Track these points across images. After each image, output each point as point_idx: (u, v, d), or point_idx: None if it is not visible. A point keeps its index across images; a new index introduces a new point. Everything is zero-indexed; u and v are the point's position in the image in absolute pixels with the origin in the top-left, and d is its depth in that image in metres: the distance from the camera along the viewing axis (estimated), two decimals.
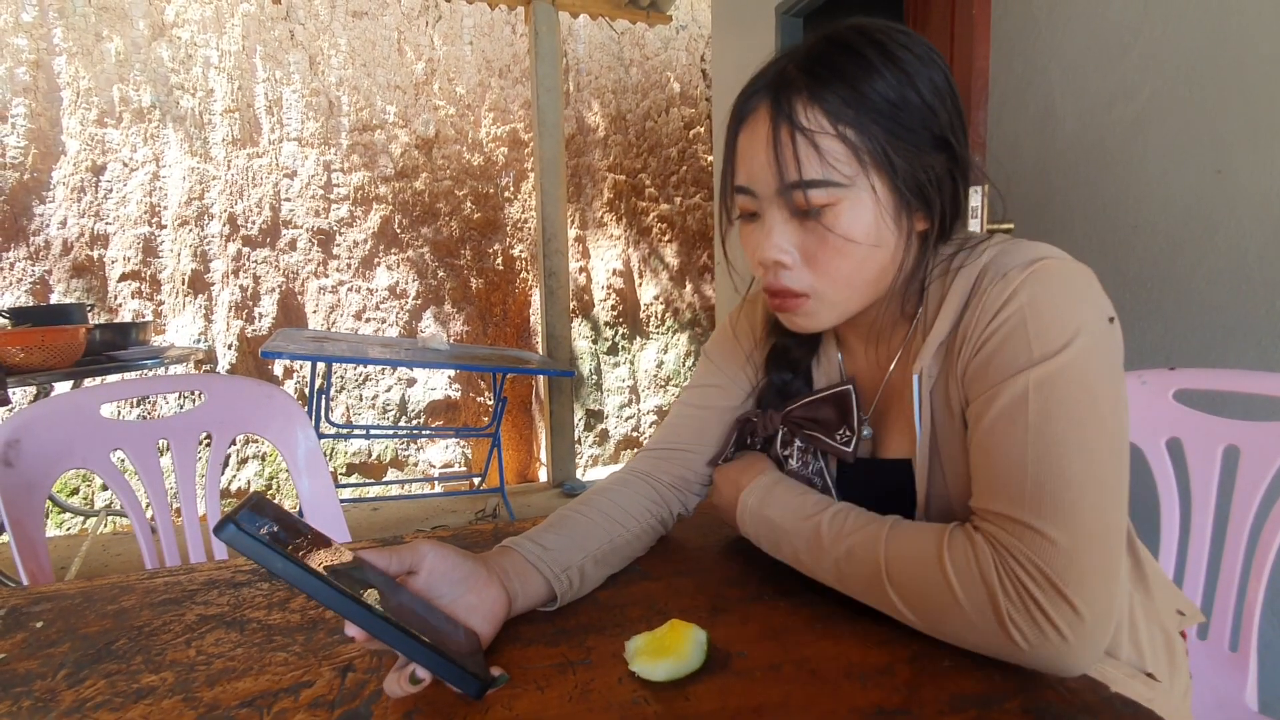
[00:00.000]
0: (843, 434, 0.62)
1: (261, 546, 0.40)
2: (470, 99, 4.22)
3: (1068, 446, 0.46)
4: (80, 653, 0.54)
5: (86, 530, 3.21)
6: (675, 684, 0.47)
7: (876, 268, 0.55)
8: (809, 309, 0.56)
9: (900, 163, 0.52)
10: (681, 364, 4.72)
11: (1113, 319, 0.51)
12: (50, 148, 3.46)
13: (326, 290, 3.92)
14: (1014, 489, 0.47)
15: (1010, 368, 0.49)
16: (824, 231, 0.52)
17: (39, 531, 0.89)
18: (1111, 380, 0.49)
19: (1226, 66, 1.27)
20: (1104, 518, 0.46)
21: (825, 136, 0.51)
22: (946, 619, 0.48)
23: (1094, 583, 0.45)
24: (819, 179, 0.51)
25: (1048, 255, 0.52)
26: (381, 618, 0.42)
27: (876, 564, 0.51)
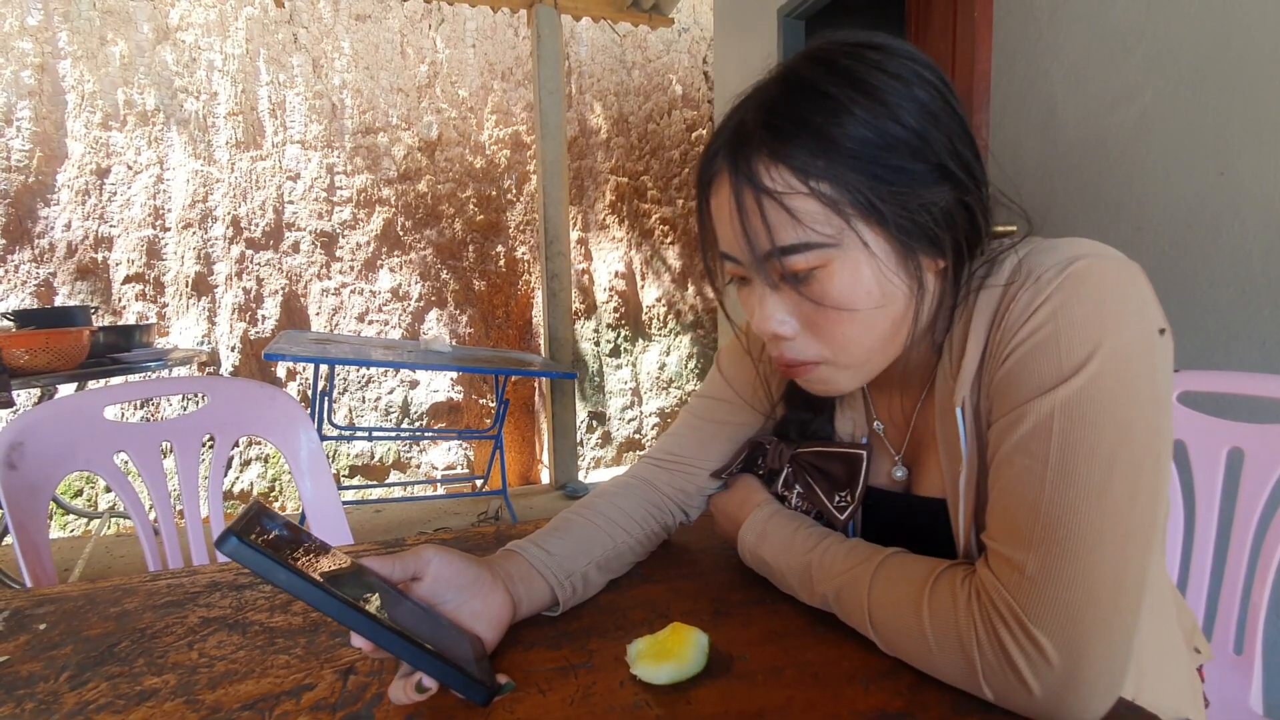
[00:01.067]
0: (843, 497, 0.59)
1: (264, 559, 0.40)
2: (473, 102, 4.23)
3: (1088, 488, 0.41)
4: (83, 655, 0.54)
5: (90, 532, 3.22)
6: (677, 687, 0.47)
7: (888, 325, 0.49)
8: (824, 375, 0.51)
9: (891, 209, 0.45)
10: (684, 366, 4.71)
11: (1164, 330, 0.45)
12: (55, 151, 3.48)
13: (329, 292, 3.93)
14: (1023, 530, 0.43)
15: (1034, 387, 0.44)
16: (816, 291, 0.47)
17: (42, 534, 0.89)
18: (1152, 404, 0.42)
19: (1230, 68, 1.27)
20: (1117, 574, 0.40)
21: (796, 196, 0.45)
22: (930, 668, 0.46)
23: (1075, 630, 0.40)
24: (796, 244, 0.45)
25: (1086, 254, 0.45)
26: (387, 627, 0.42)
27: (862, 609, 0.50)
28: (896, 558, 0.51)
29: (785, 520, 0.61)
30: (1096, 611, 0.40)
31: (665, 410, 4.66)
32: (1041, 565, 0.41)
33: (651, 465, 0.72)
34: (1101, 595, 0.40)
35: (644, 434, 4.61)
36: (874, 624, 0.49)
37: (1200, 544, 0.91)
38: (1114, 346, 0.42)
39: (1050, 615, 0.41)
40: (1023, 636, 0.41)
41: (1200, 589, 0.91)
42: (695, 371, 4.72)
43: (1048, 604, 0.41)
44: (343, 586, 0.43)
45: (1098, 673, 0.40)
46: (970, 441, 0.50)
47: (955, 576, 0.46)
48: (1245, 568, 0.86)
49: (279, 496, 3.75)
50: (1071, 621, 0.40)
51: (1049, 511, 0.42)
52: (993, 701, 0.43)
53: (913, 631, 0.46)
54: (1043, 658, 0.41)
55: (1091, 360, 0.42)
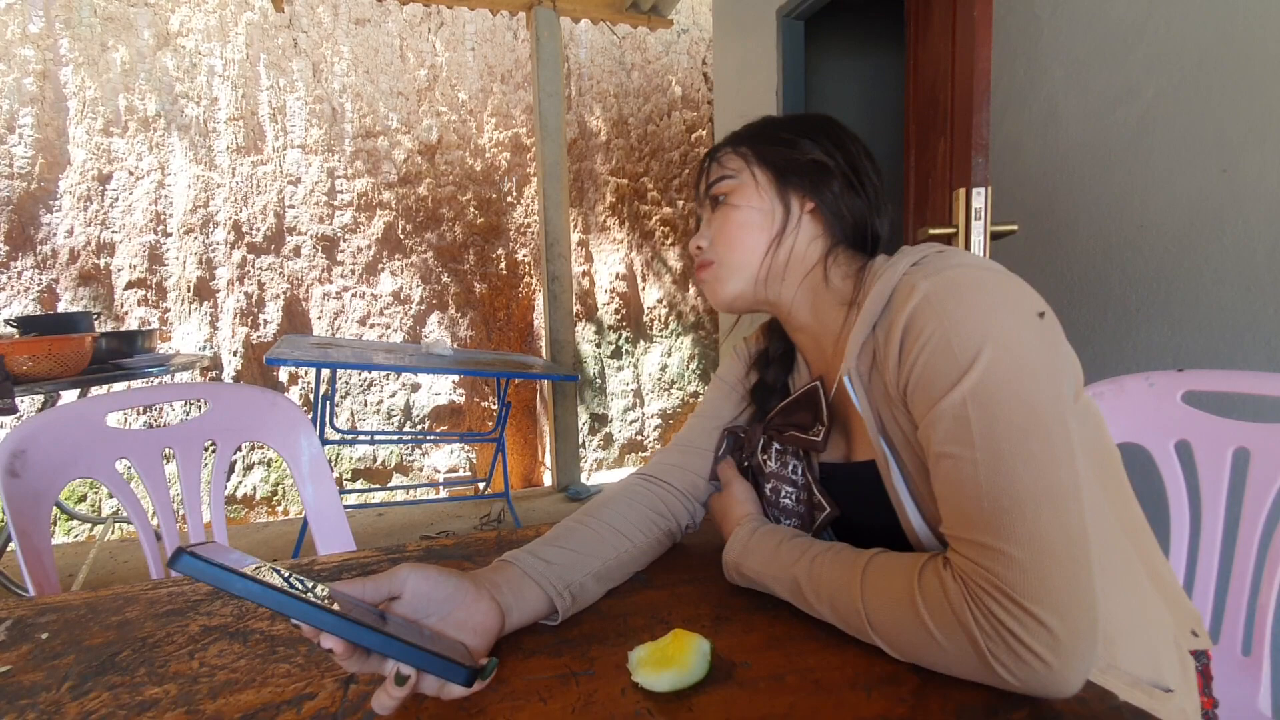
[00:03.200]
0: (815, 429, 0.65)
1: (219, 570, 0.39)
2: (472, 104, 4.24)
3: (1015, 460, 0.46)
4: (84, 664, 0.54)
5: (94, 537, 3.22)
6: (679, 695, 0.47)
7: (758, 229, 0.66)
8: (712, 273, 0.68)
9: (773, 155, 0.67)
10: (685, 367, 4.71)
11: (1044, 314, 0.52)
12: (57, 157, 3.49)
13: (331, 296, 3.93)
14: (972, 512, 0.47)
15: (940, 388, 0.50)
16: (723, 209, 0.68)
17: (45, 541, 0.89)
18: (1048, 378, 0.48)
19: (1233, 65, 1.27)
20: (1063, 527, 0.45)
21: (724, 154, 0.70)
22: (937, 661, 0.47)
23: (1063, 596, 0.43)
24: (717, 177, 0.69)
25: (955, 265, 0.53)
26: (353, 620, 0.41)
27: (859, 615, 0.51)
28: (879, 559, 0.53)
29: (767, 533, 0.62)
30: (1059, 566, 0.44)
31: (667, 412, 4.66)
32: (1003, 542, 0.45)
33: (660, 465, 0.75)
34: (1059, 550, 0.44)
35: (646, 436, 4.61)
36: (874, 628, 0.50)
37: (1206, 544, 0.90)
38: (998, 335, 0.48)
39: (1036, 587, 0.44)
40: (1022, 614, 0.43)
41: (1207, 589, 0.90)
42: (697, 372, 4.72)
43: (1029, 577, 0.44)
44: (312, 595, 0.42)
45: (1089, 627, 0.44)
46: (864, 404, 0.58)
47: (937, 566, 0.49)
48: (1252, 568, 0.86)
49: (281, 501, 3.75)
50: (1057, 587, 0.43)
51: (990, 491, 0.46)
52: (1012, 685, 0.44)
53: (915, 627, 0.48)
54: (1046, 631, 0.43)
55: (983, 352, 0.48)
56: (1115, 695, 0.46)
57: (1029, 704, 0.45)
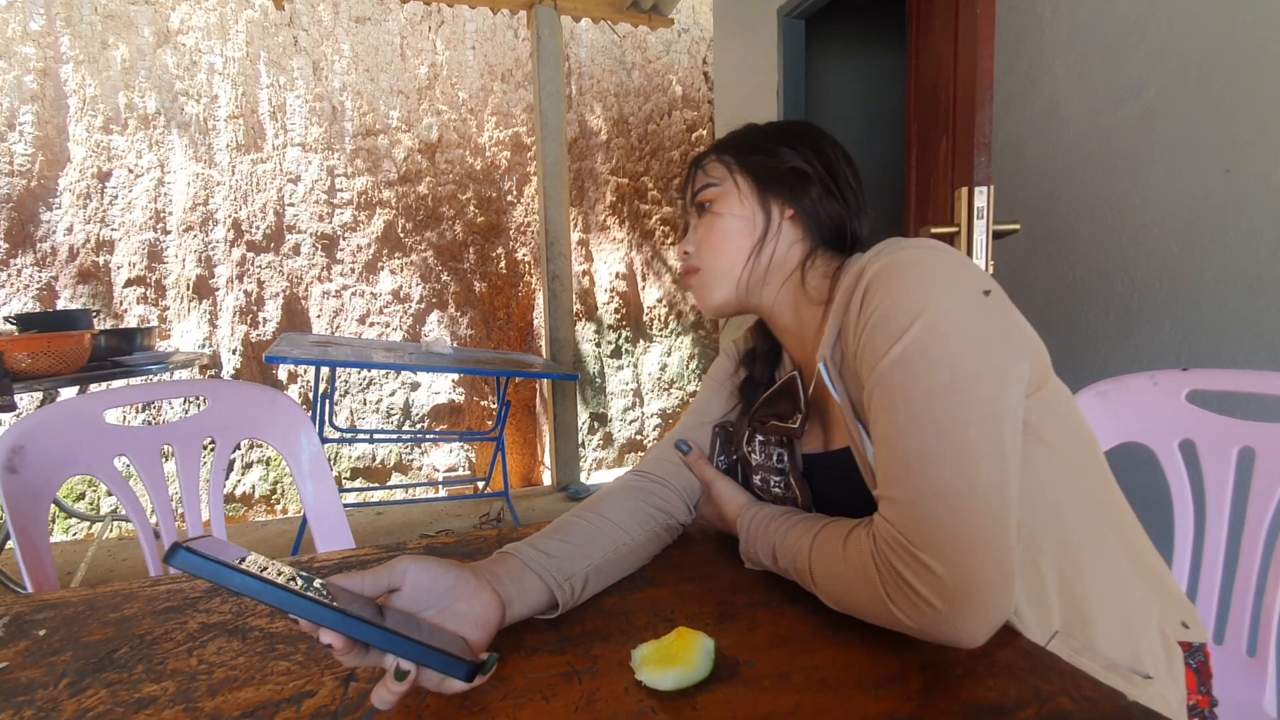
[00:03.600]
0: (794, 418, 0.68)
1: (215, 565, 0.39)
2: (473, 103, 4.23)
3: (925, 421, 0.49)
4: (82, 661, 0.53)
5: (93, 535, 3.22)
6: (683, 693, 0.47)
7: (740, 235, 0.68)
8: (699, 281, 0.71)
9: (755, 164, 0.70)
10: (685, 367, 4.70)
11: (989, 291, 0.53)
12: (57, 155, 3.48)
13: (330, 295, 3.92)
14: (889, 470, 0.51)
15: (878, 355, 0.53)
16: (707, 217, 0.70)
17: (43, 538, 0.88)
18: (981, 349, 0.50)
19: (1235, 63, 1.26)
20: (968, 484, 0.47)
21: (709, 163, 0.73)
22: (851, 606, 0.53)
23: (955, 546, 0.46)
24: (702, 185, 0.72)
25: (903, 247, 0.56)
26: (352, 615, 0.41)
27: (806, 570, 0.57)
28: (830, 524, 0.58)
29: (762, 521, 0.66)
30: (961, 520, 0.47)
31: (667, 411, 4.65)
32: (907, 495, 0.49)
33: (656, 461, 0.75)
34: (959, 506, 0.47)
35: (645, 435, 4.60)
36: (815, 581, 0.57)
37: (1211, 545, 0.90)
38: (934, 309, 0.51)
39: (925, 534, 0.47)
40: (910, 559, 0.48)
41: (1211, 590, 0.90)
42: (696, 372, 4.71)
43: (921, 526, 0.48)
44: (310, 590, 0.42)
45: (984, 578, 0.46)
46: (840, 391, 0.60)
47: (863, 527, 0.54)
48: (1257, 569, 0.85)
49: (280, 499, 3.75)
50: (943, 534, 0.47)
51: (903, 449, 0.50)
52: (910, 629, 0.48)
53: (841, 579, 0.53)
54: (930, 573, 0.46)
55: (914, 324, 0.51)
56: (1124, 695, 0.45)
57: (1036, 702, 0.44)
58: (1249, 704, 0.81)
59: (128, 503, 0.99)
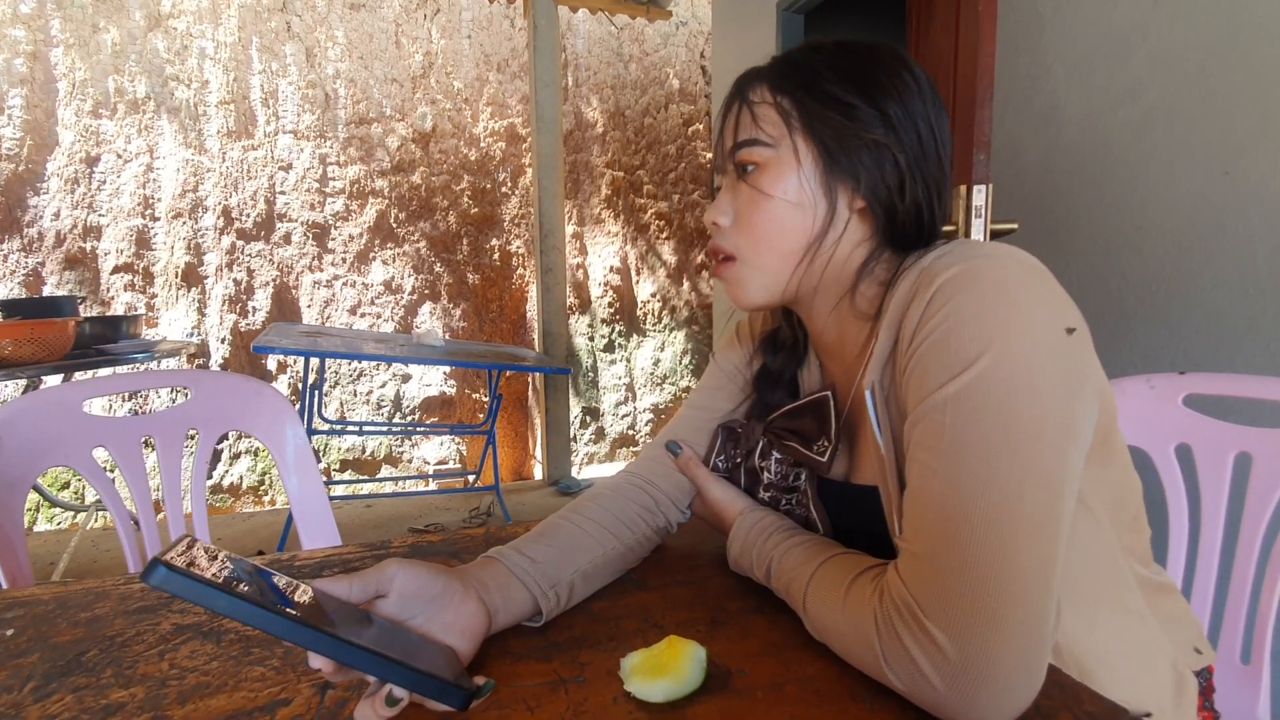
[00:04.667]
0: (820, 445, 0.59)
1: (198, 586, 0.36)
2: (468, 93, 4.19)
3: (973, 477, 0.41)
4: (50, 664, 0.51)
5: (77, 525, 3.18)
6: (674, 705, 0.45)
7: (795, 229, 0.55)
8: (736, 274, 0.58)
9: (826, 128, 0.53)
10: (678, 362, 4.69)
11: (1073, 330, 0.45)
12: (45, 139, 3.42)
13: (321, 285, 3.88)
14: (918, 522, 0.44)
15: (929, 386, 0.45)
16: (750, 189, 0.55)
17: (18, 531, 0.86)
18: (1053, 401, 0.42)
19: (1236, 65, 1.25)
20: (1007, 560, 0.40)
21: (763, 105, 0.55)
22: (856, 664, 0.47)
23: (969, 622, 0.39)
24: (748, 139, 0.55)
25: (983, 255, 0.47)
26: (345, 641, 0.39)
27: (800, 606, 0.52)
28: (837, 558, 0.51)
29: (758, 529, 0.60)
30: (988, 602, 0.40)
31: (659, 406, 4.64)
32: (931, 556, 0.42)
33: (650, 460, 0.71)
34: (991, 585, 0.40)
35: (638, 430, 4.59)
36: (808, 617, 0.51)
37: (1206, 550, 0.89)
38: (1005, 344, 0.43)
39: (940, 605, 0.40)
40: (916, 629, 0.41)
41: (1206, 596, 0.89)
42: (690, 367, 4.70)
43: (938, 594, 0.41)
44: (293, 611, 0.39)
45: (1000, 667, 0.39)
46: (885, 428, 0.51)
47: (870, 575, 0.47)
48: (1253, 576, 0.85)
49: (269, 490, 3.71)
50: (962, 612, 0.40)
51: (940, 504, 0.43)
52: (906, 696, 0.43)
53: (836, 628, 0.48)
54: (938, 650, 0.40)
55: (981, 358, 0.43)
56: (1127, 710, 0.44)
57: (1037, 718, 0.43)
58: (1243, 712, 0.81)
59: (106, 495, 0.97)
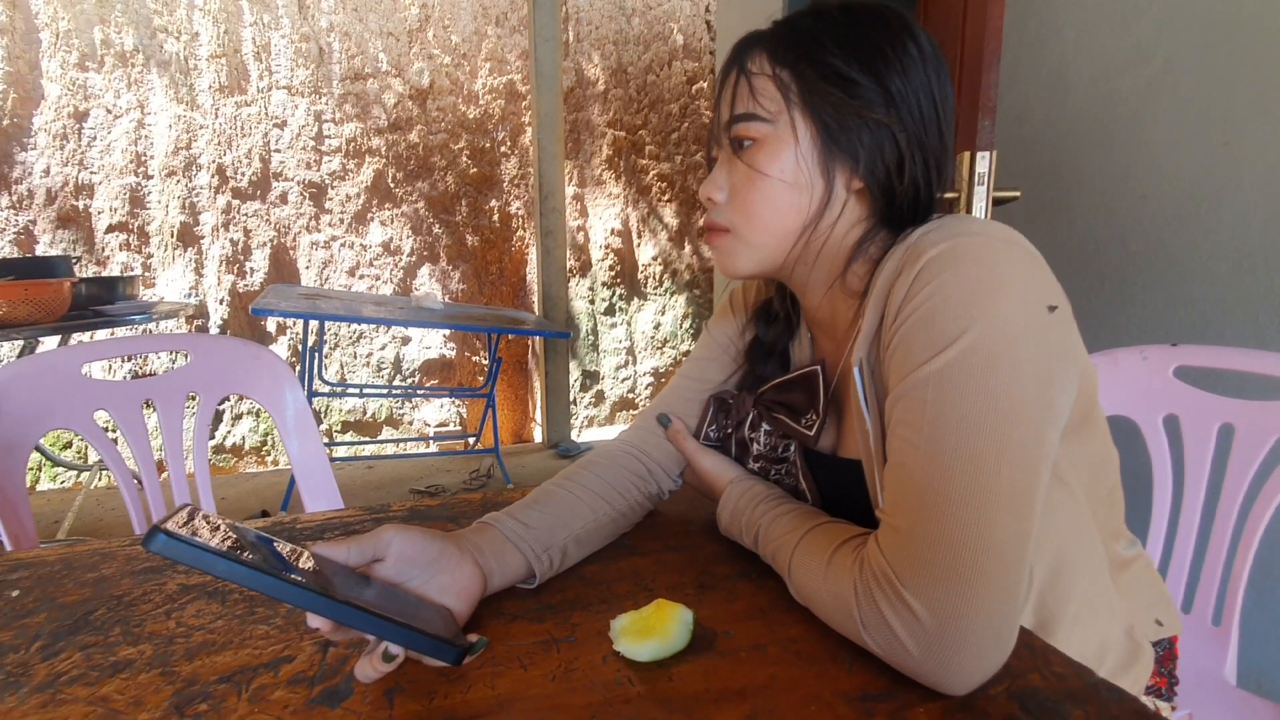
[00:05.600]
0: (808, 418, 0.60)
1: (198, 551, 0.37)
2: (466, 48, 4.08)
3: (952, 452, 0.43)
4: (57, 623, 0.53)
5: (80, 484, 3.22)
6: (660, 664, 0.47)
7: (790, 209, 0.54)
8: (726, 245, 0.58)
9: (825, 105, 0.52)
10: (679, 326, 4.69)
11: (1055, 307, 0.46)
12: (30, 92, 3.35)
13: (319, 245, 3.85)
14: (898, 496, 0.45)
15: (912, 362, 0.46)
16: (746, 166, 0.55)
17: (20, 493, 0.88)
18: (1033, 379, 0.44)
19: (1241, 35, 1.22)
20: (983, 532, 0.41)
21: (761, 77, 0.54)
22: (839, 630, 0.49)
23: (945, 592, 0.41)
24: (745, 113, 0.54)
25: (970, 232, 0.47)
26: (342, 601, 0.40)
27: (786, 572, 0.54)
28: (822, 527, 0.53)
29: (748, 497, 0.62)
30: (962, 571, 0.41)
31: (660, 370, 4.66)
32: (910, 528, 0.44)
33: (642, 429, 0.72)
34: (966, 556, 0.41)
35: (638, 394, 4.61)
36: (793, 584, 0.53)
37: (1186, 517, 0.91)
38: (988, 322, 0.44)
39: (917, 576, 0.42)
40: (894, 597, 0.43)
41: (1183, 562, 0.92)
42: (690, 331, 4.70)
43: (915, 565, 0.42)
44: (291, 573, 0.41)
45: (972, 634, 0.41)
46: (871, 404, 0.52)
47: (852, 545, 0.49)
48: (1228, 541, 0.87)
49: (270, 452, 3.75)
50: (937, 581, 0.42)
51: (920, 477, 0.44)
52: (884, 660, 0.45)
53: (818, 595, 0.49)
54: (914, 618, 0.42)
55: (964, 335, 0.44)
56: (1093, 671, 0.46)
57: (1007, 679, 0.45)
58: (1210, 672, 0.84)
59: (109, 457, 0.98)
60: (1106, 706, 0.42)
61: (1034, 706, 0.43)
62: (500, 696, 0.44)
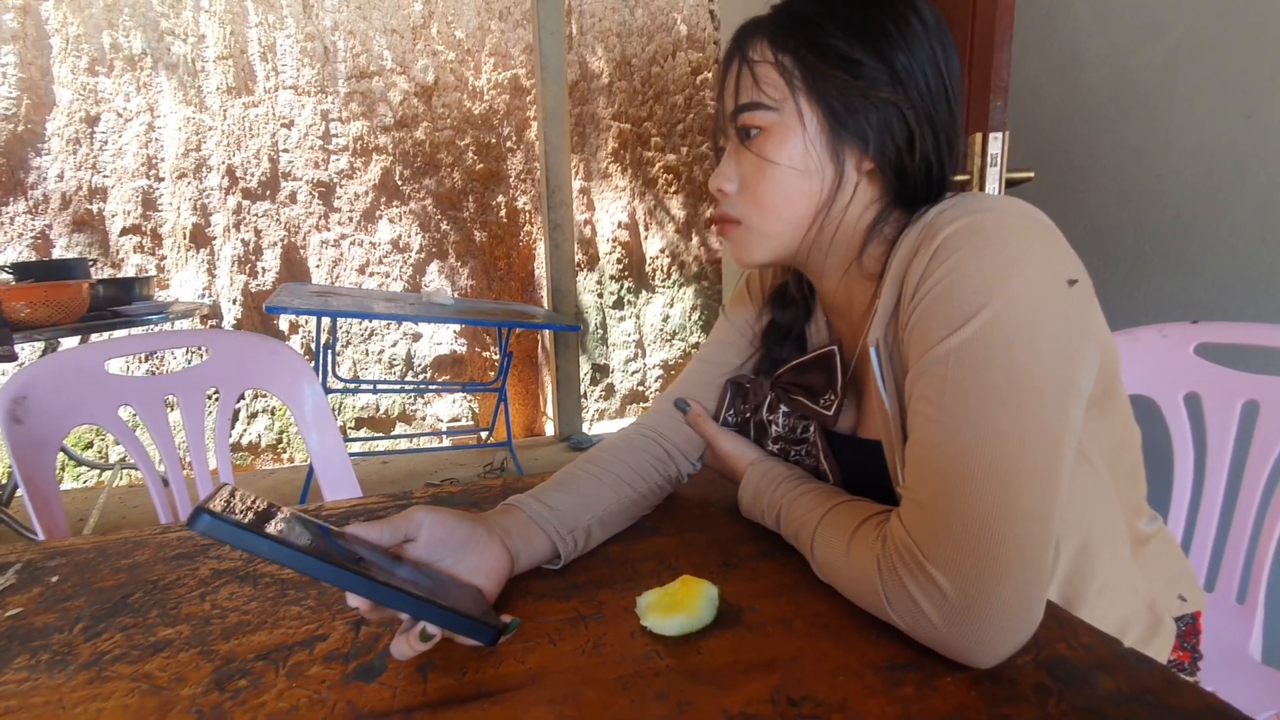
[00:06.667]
0: (827, 399, 0.60)
1: (241, 531, 0.38)
2: (470, 44, 4.08)
3: (973, 427, 0.43)
4: (96, 606, 0.54)
5: (103, 483, 3.27)
6: (687, 638, 0.48)
7: (801, 196, 0.54)
8: (740, 236, 0.58)
9: (831, 89, 0.52)
10: (687, 318, 4.68)
11: (1075, 281, 0.46)
12: (42, 98, 3.38)
13: (329, 244, 3.88)
14: (920, 471, 0.45)
15: (931, 339, 0.46)
16: (755, 156, 0.54)
17: (51, 486, 0.89)
18: (1053, 353, 0.44)
19: (1263, 2, 1.20)
20: (1007, 506, 0.41)
21: (764, 65, 0.53)
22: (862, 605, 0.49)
23: (971, 565, 0.41)
24: (750, 102, 0.54)
25: (986, 209, 0.47)
26: (382, 583, 0.41)
27: (808, 551, 0.54)
28: (844, 505, 0.53)
29: (768, 478, 0.62)
30: (986, 545, 0.41)
31: (669, 362, 4.66)
32: (933, 503, 0.44)
33: (661, 413, 0.73)
34: (991, 529, 0.41)
35: (648, 386, 4.62)
36: (816, 562, 0.53)
37: (1209, 495, 0.91)
38: (1006, 297, 0.44)
39: (941, 549, 0.42)
40: (918, 571, 0.43)
41: (1206, 539, 0.91)
42: (699, 323, 4.70)
43: (939, 538, 0.42)
44: (331, 554, 0.42)
45: (999, 607, 0.41)
46: (889, 384, 0.52)
47: (874, 521, 0.49)
48: (1253, 519, 0.86)
49: (287, 448, 3.79)
50: (962, 554, 0.41)
51: (942, 453, 0.44)
52: (909, 634, 0.45)
53: (842, 572, 0.50)
54: (939, 591, 0.42)
55: (983, 310, 0.44)
56: (1120, 641, 0.46)
57: (1034, 648, 0.45)
58: (1236, 649, 0.83)
59: (135, 452, 1.00)
60: (1136, 675, 0.42)
61: (1062, 675, 0.43)
62: (531, 670, 0.45)
